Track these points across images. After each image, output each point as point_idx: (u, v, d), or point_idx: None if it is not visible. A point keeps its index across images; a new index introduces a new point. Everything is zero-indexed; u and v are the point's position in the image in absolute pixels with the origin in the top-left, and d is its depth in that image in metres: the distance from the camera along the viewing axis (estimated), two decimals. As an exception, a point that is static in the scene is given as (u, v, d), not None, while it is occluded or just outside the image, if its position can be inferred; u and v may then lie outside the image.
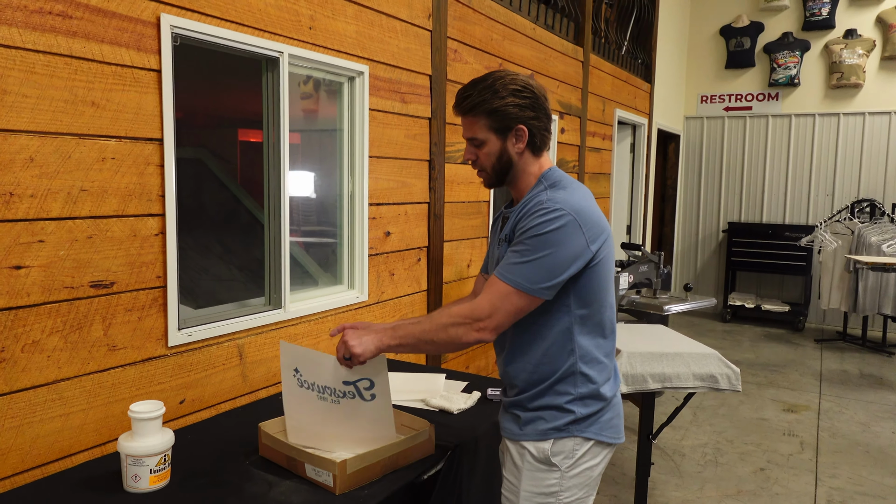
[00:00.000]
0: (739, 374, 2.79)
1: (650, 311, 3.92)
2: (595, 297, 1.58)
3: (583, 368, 1.59)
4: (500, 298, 1.50)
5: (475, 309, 1.52)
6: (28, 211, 1.67)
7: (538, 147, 1.64)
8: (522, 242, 1.51)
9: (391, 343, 1.58)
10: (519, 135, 1.60)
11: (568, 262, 1.50)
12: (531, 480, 1.61)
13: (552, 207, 1.51)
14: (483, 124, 1.60)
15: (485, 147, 1.62)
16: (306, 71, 2.59)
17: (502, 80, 1.58)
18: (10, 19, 1.60)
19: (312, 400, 1.73)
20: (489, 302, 1.51)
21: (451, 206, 3.48)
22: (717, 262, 8.11)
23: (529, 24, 4.20)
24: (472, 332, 1.52)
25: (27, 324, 1.69)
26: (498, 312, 1.50)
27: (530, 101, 1.58)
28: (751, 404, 4.84)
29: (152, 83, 1.93)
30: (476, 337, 1.52)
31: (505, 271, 1.52)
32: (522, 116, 1.58)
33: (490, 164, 1.64)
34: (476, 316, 1.51)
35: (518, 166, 1.64)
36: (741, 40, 7.74)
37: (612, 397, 1.65)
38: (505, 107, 1.56)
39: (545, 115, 1.62)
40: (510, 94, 1.56)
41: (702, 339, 6.75)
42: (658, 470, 3.66)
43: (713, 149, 8.05)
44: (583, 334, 1.59)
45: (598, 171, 5.56)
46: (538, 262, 1.49)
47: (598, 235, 1.54)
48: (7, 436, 1.66)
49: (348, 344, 1.59)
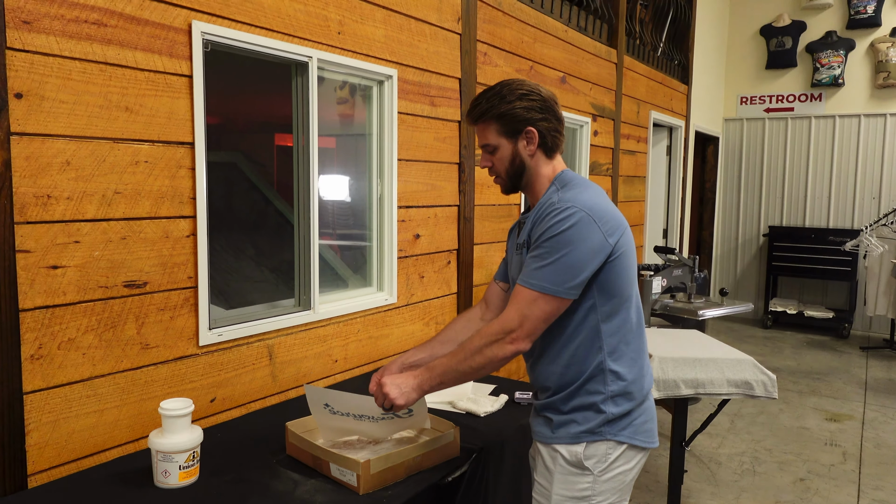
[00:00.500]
0: (776, 381, 2.72)
1: (684, 315, 3.84)
2: (619, 291, 1.57)
3: (611, 365, 1.57)
4: (527, 306, 1.51)
5: (504, 322, 1.52)
6: (64, 213, 1.73)
7: (550, 149, 1.65)
8: (540, 246, 1.52)
9: (433, 384, 1.59)
10: (529, 137, 1.62)
11: (588, 259, 1.49)
12: (563, 484, 1.60)
13: (563, 207, 1.51)
14: (494, 130, 1.63)
15: (498, 152, 1.65)
16: (335, 75, 2.62)
17: (509, 86, 1.62)
18: (48, 28, 1.66)
19: (350, 421, 1.77)
20: (517, 311, 1.51)
21: (482, 208, 3.48)
22: (758, 266, 7.92)
23: (561, 26, 4.17)
24: (506, 345, 1.52)
25: (63, 322, 1.74)
26: (528, 320, 1.50)
27: (538, 104, 1.61)
28: (791, 413, 4.71)
29: (184, 88, 1.98)
30: (512, 349, 1.52)
31: (528, 277, 1.52)
32: (531, 118, 1.61)
33: (504, 168, 1.66)
34: (507, 329, 1.52)
35: (531, 169, 1.65)
36: (782, 40, 7.57)
37: (644, 397, 1.63)
38: (512, 110, 1.60)
39: (554, 117, 1.64)
40: (517, 98, 1.60)
41: (741, 345, 6.60)
42: (693, 478, 3.59)
43: (753, 151, 7.88)
44: (609, 331, 1.58)
45: (632, 174, 5.50)
46: (559, 263, 1.49)
47: (615, 229, 1.54)
48: (44, 430, 1.72)
49: (389, 396, 1.59)
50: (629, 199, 5.48)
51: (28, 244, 1.66)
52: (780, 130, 7.70)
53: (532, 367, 1.69)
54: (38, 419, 1.71)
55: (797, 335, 7.16)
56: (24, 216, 1.65)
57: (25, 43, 1.62)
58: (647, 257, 5.93)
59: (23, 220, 1.64)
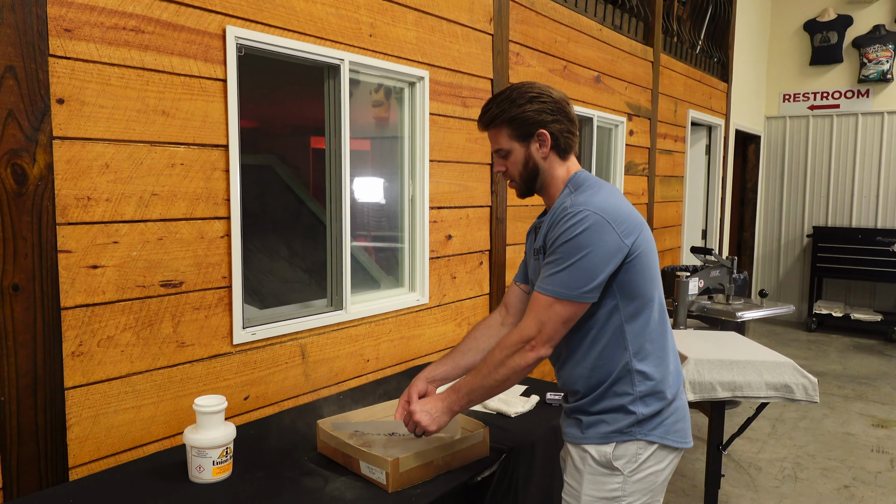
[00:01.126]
0: (817, 385, 2.65)
1: (722, 317, 3.77)
2: (640, 291, 1.55)
3: (638, 366, 1.55)
4: (543, 312, 1.50)
5: (522, 331, 1.53)
6: (104, 214, 1.78)
7: (563, 150, 1.64)
8: (554, 252, 1.51)
9: (462, 405, 1.61)
10: (542, 139, 1.61)
11: (604, 262, 1.48)
12: (593, 484, 1.58)
13: (576, 211, 1.50)
14: (505, 134, 1.62)
15: (511, 156, 1.64)
16: (367, 78, 2.65)
17: (519, 90, 1.61)
18: (88, 35, 1.72)
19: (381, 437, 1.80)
20: (534, 318, 1.51)
21: (514, 209, 3.47)
22: (802, 268, 7.71)
23: (595, 25, 4.14)
24: (527, 353, 1.52)
25: (103, 320, 1.79)
26: (546, 326, 1.50)
27: (549, 106, 1.59)
28: (836, 418, 4.57)
29: (218, 92, 2.03)
30: (533, 357, 1.52)
31: (544, 283, 1.51)
32: (542, 121, 1.59)
33: (518, 172, 1.65)
34: (525, 337, 1.52)
35: (545, 172, 1.64)
36: (827, 35, 7.36)
37: (674, 395, 1.61)
38: (523, 113, 1.58)
39: (566, 118, 1.62)
40: (527, 101, 1.59)
41: (784, 348, 6.44)
42: (732, 483, 3.51)
43: (797, 149, 7.68)
44: (633, 331, 1.56)
45: (669, 173, 5.41)
46: (574, 268, 1.47)
47: (631, 230, 1.51)
48: (84, 425, 1.78)
49: (421, 424, 1.62)
50: (666, 199, 5.39)
51: (69, 244, 1.72)
52: (825, 128, 7.49)
53: (559, 371, 1.68)
54: (79, 414, 1.76)
55: (843, 338, 6.95)
56: (66, 217, 1.71)
57: (67, 50, 1.68)
58: (684, 258, 5.83)
59: (64, 221, 1.70)
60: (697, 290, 3.80)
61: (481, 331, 1.84)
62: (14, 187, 1.59)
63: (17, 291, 1.61)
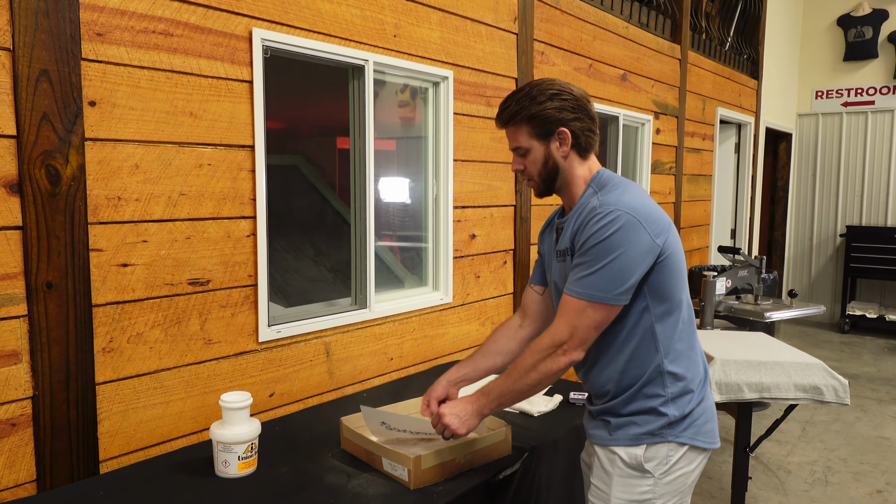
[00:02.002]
0: (847, 387, 2.60)
1: (750, 317, 3.71)
2: (670, 293, 1.53)
3: (669, 367, 1.54)
4: (575, 316, 1.48)
5: (554, 335, 1.50)
6: (133, 213, 1.82)
7: (584, 149, 1.60)
8: (585, 253, 1.48)
9: (492, 408, 1.60)
10: (562, 138, 1.57)
11: (637, 263, 1.45)
12: (622, 487, 1.56)
13: (606, 211, 1.46)
14: (525, 132, 1.58)
15: (530, 155, 1.60)
16: (391, 78, 2.66)
17: (539, 87, 1.57)
18: (119, 39, 1.76)
19: (408, 436, 1.80)
20: (566, 322, 1.49)
21: (539, 208, 3.46)
22: (834, 268, 7.56)
23: (622, 22, 4.11)
24: (559, 358, 1.50)
25: (132, 317, 1.84)
26: (578, 330, 1.48)
27: (570, 104, 1.55)
28: (869, 421, 4.48)
29: (245, 93, 2.06)
30: (565, 360, 1.50)
31: (575, 286, 1.48)
32: (563, 119, 1.55)
33: (537, 171, 1.61)
34: (557, 341, 1.49)
35: (565, 171, 1.61)
36: (862, 30, 7.21)
37: (703, 396, 1.59)
38: (544, 111, 1.55)
39: (587, 116, 1.59)
40: (548, 98, 1.55)
41: (816, 350, 6.32)
42: (760, 486, 3.46)
43: (830, 147, 7.53)
44: (665, 332, 1.54)
45: (697, 172, 5.35)
46: (606, 270, 1.45)
47: (662, 230, 1.49)
48: (114, 419, 1.82)
49: (451, 427, 1.61)
50: (693, 198, 5.33)
51: (100, 243, 1.76)
52: (860, 125, 7.33)
53: (586, 374, 1.65)
54: (110, 409, 1.81)
55: (877, 340, 6.80)
56: (97, 217, 1.75)
57: (98, 54, 1.72)
58: (712, 258, 5.75)
59: (95, 220, 1.75)
60: (725, 289, 3.75)
61: (501, 333, 1.84)
62: (48, 187, 1.64)
63: (50, 289, 1.66)
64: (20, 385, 1.63)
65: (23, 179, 1.60)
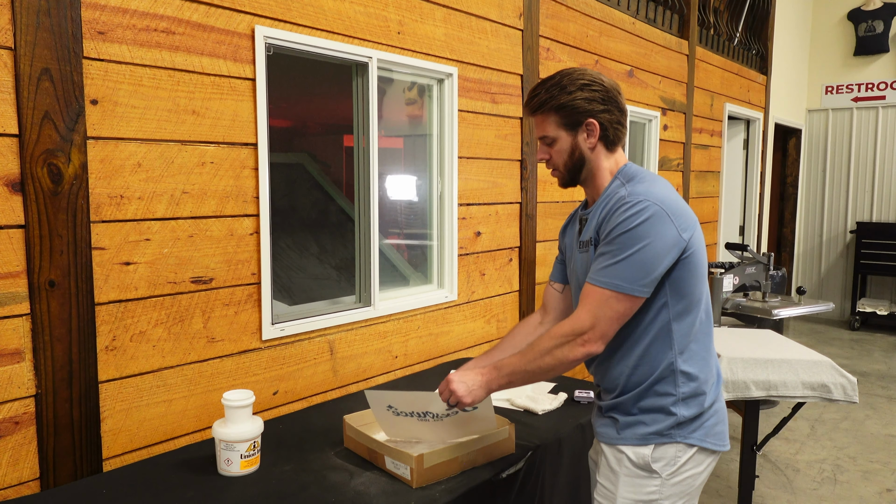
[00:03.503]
0: (856, 385, 2.57)
1: (758, 314, 3.68)
2: (690, 291, 1.50)
3: (682, 366, 1.51)
4: (599, 305, 1.44)
5: (576, 323, 1.46)
6: (136, 212, 1.82)
7: (612, 142, 1.58)
8: (611, 242, 1.45)
9: (500, 384, 1.57)
10: (590, 129, 1.55)
11: (663, 254, 1.43)
12: (629, 486, 1.54)
13: (636, 200, 1.44)
14: (553, 121, 1.56)
15: (556, 144, 1.58)
16: (395, 75, 2.65)
17: (570, 76, 1.54)
18: (120, 37, 1.76)
19: (413, 421, 1.78)
20: (588, 312, 1.46)
21: (544, 206, 3.44)
22: (844, 265, 7.50)
23: (629, 18, 4.08)
24: (577, 347, 1.46)
25: (135, 315, 1.84)
26: (600, 321, 1.45)
27: (600, 95, 1.53)
28: (879, 419, 4.44)
29: (247, 91, 2.05)
30: (583, 352, 1.47)
31: (599, 276, 1.45)
32: (592, 110, 1.53)
33: (563, 161, 1.59)
34: (578, 330, 1.46)
35: (592, 163, 1.58)
36: (872, 24, 7.13)
37: (715, 398, 1.57)
38: (573, 101, 1.53)
39: (617, 109, 1.56)
40: (578, 88, 1.53)
41: (825, 347, 6.27)
42: (768, 484, 3.44)
43: (840, 143, 7.46)
44: (681, 330, 1.51)
45: (705, 168, 5.31)
46: (632, 259, 1.42)
47: (688, 224, 1.47)
48: (118, 417, 1.82)
49: (456, 393, 1.58)
50: (701, 195, 5.30)
51: (103, 242, 1.76)
52: (870, 120, 7.26)
53: (598, 367, 1.63)
54: (113, 407, 1.81)
55: (888, 337, 6.74)
56: (99, 215, 1.75)
57: (101, 52, 1.72)
58: (720, 255, 5.72)
59: (98, 219, 1.75)
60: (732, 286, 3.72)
61: (520, 329, 1.83)
62: (50, 186, 1.64)
63: (53, 287, 1.66)
64: (23, 383, 1.64)
65: (25, 178, 1.60)
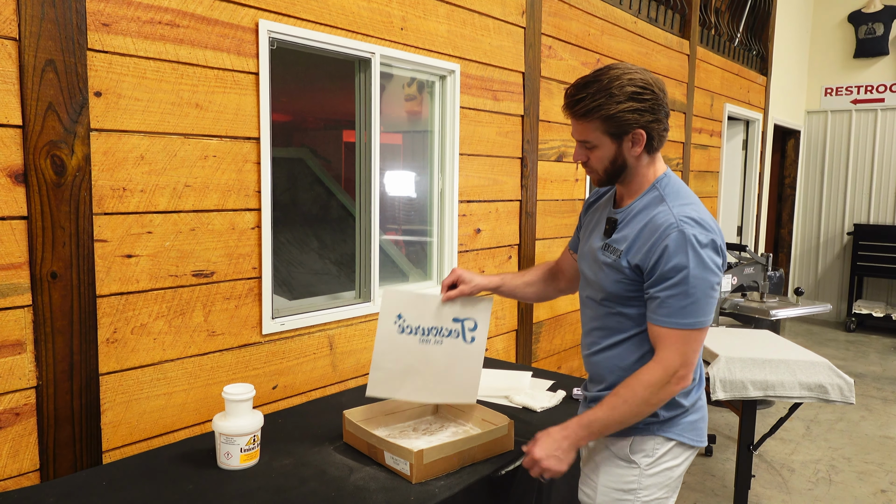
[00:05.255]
0: (853, 385, 2.59)
1: (756, 315, 3.70)
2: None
3: None
4: (685, 343, 1.46)
5: (667, 367, 1.46)
6: (138, 205, 1.82)
7: (654, 148, 1.53)
8: (677, 285, 1.43)
9: (589, 440, 1.54)
10: (636, 139, 1.48)
11: (715, 280, 1.47)
12: (609, 476, 1.60)
13: (688, 236, 1.42)
14: (597, 129, 1.48)
15: (597, 151, 1.52)
16: (398, 71, 2.65)
17: (619, 81, 1.44)
18: (125, 30, 1.75)
19: (412, 345, 1.80)
20: (676, 352, 1.46)
21: (544, 203, 3.45)
22: (841, 266, 7.52)
23: (630, 17, 4.08)
24: (673, 386, 1.47)
25: (136, 308, 1.84)
26: (688, 355, 1.47)
27: (650, 104, 1.45)
28: (874, 420, 4.46)
29: (251, 85, 2.05)
30: (679, 388, 1.49)
31: (677, 318, 1.44)
32: (641, 121, 1.46)
33: (603, 167, 1.54)
34: (671, 371, 1.46)
35: (632, 169, 1.54)
36: (873, 27, 7.15)
37: (697, 398, 1.61)
38: (623, 112, 1.44)
39: (665, 115, 1.50)
40: (628, 97, 1.44)
41: (821, 348, 6.29)
42: (763, 484, 3.45)
43: (838, 144, 7.47)
44: None
45: (704, 168, 5.32)
46: (706, 298, 1.45)
47: (722, 244, 1.51)
48: (118, 410, 1.82)
49: (552, 470, 1.53)
50: (700, 194, 5.31)
51: (105, 234, 1.76)
52: (869, 122, 7.28)
53: (589, 357, 1.68)
54: (113, 399, 1.81)
55: (884, 339, 6.76)
56: (102, 208, 1.75)
57: (105, 44, 1.72)
58: (719, 255, 5.73)
59: (100, 211, 1.75)
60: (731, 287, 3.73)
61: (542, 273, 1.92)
62: (53, 178, 1.64)
63: (55, 279, 1.66)
64: (24, 375, 1.64)
65: (28, 169, 1.60)
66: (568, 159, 3.61)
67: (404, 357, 1.81)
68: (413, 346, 1.80)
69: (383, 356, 1.83)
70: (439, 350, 1.80)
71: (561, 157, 3.55)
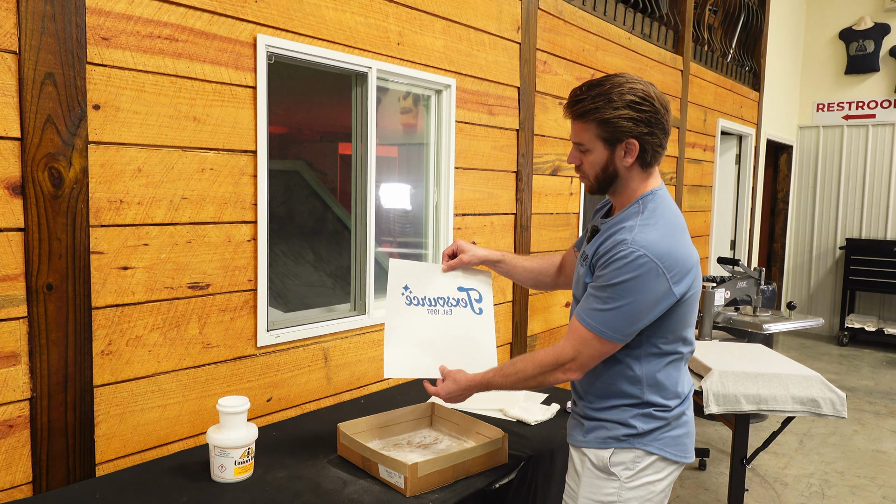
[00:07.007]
0: (845, 400, 2.60)
1: (749, 329, 3.71)
2: (673, 331, 1.55)
3: (648, 396, 1.56)
4: (583, 343, 1.51)
5: (559, 355, 1.55)
6: (135, 217, 1.83)
7: (648, 163, 1.53)
8: (603, 288, 1.48)
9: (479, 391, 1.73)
10: (629, 149, 1.50)
11: (649, 309, 1.46)
12: (589, 487, 1.60)
13: (632, 253, 1.43)
14: (592, 132, 1.51)
15: (590, 155, 1.54)
16: (394, 85, 2.68)
17: (620, 89, 1.47)
18: (124, 44, 1.77)
19: (422, 317, 1.82)
20: (572, 346, 1.53)
21: (539, 217, 3.47)
22: (833, 280, 7.56)
23: (624, 33, 4.12)
24: (558, 374, 1.57)
25: (132, 320, 1.84)
26: (581, 355, 1.53)
27: (647, 115, 1.47)
28: (867, 434, 4.47)
29: (248, 99, 2.07)
30: (563, 378, 1.58)
31: (586, 316, 1.50)
32: (636, 131, 1.48)
33: (594, 173, 1.56)
34: (561, 361, 1.55)
35: (623, 180, 1.55)
36: (863, 44, 7.24)
37: (682, 412, 1.61)
38: (618, 119, 1.47)
39: (662, 131, 1.51)
40: (626, 105, 1.46)
41: (814, 362, 6.32)
42: (756, 498, 3.46)
43: (830, 160, 7.54)
44: (657, 366, 1.56)
45: (697, 183, 5.36)
46: (619, 311, 1.46)
47: (683, 276, 1.47)
48: (112, 422, 1.82)
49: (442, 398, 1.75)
50: (694, 209, 5.34)
51: (101, 246, 1.77)
52: (861, 138, 7.35)
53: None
54: (107, 411, 1.81)
55: (876, 353, 6.79)
56: (99, 220, 1.76)
57: (104, 58, 1.73)
58: (711, 269, 5.76)
59: (97, 223, 1.75)
60: (724, 301, 3.75)
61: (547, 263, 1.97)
62: (51, 190, 1.65)
63: (50, 291, 1.66)
64: (18, 386, 1.64)
65: (25, 181, 1.61)
66: (563, 173, 3.63)
67: (417, 332, 1.82)
68: (423, 318, 1.81)
69: (394, 331, 1.83)
70: (451, 320, 1.83)
71: (556, 171, 3.57)
